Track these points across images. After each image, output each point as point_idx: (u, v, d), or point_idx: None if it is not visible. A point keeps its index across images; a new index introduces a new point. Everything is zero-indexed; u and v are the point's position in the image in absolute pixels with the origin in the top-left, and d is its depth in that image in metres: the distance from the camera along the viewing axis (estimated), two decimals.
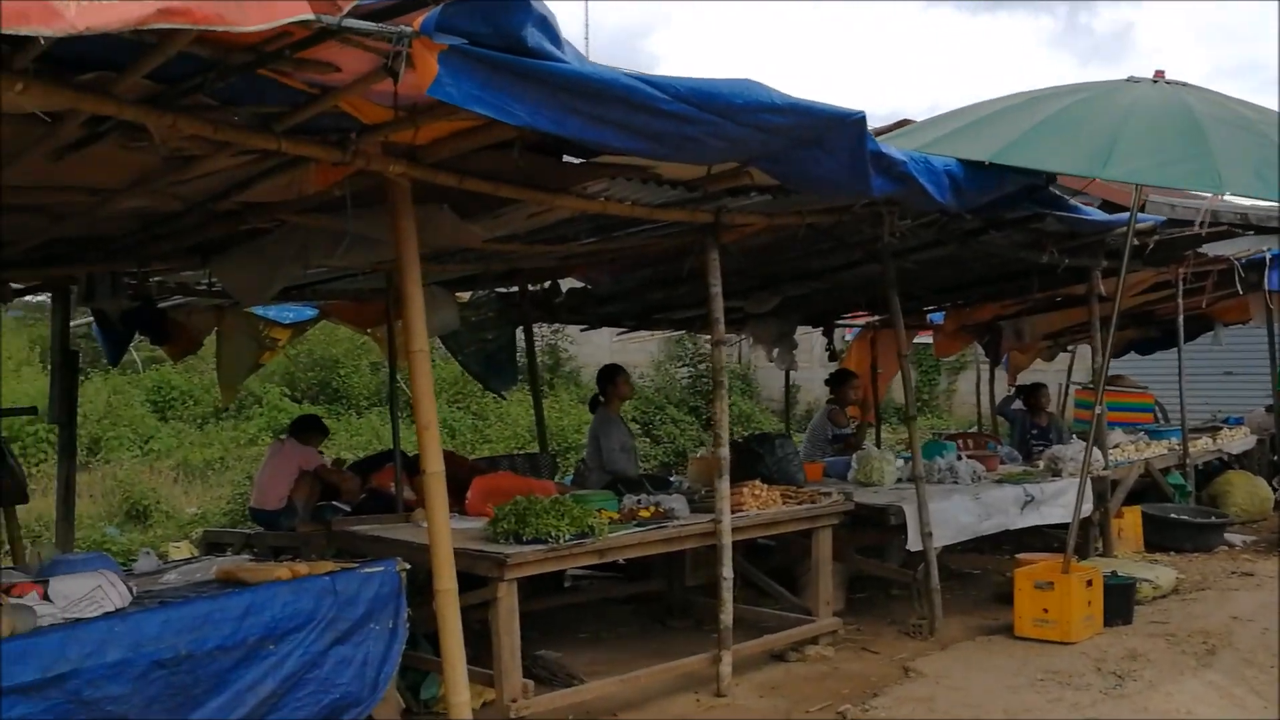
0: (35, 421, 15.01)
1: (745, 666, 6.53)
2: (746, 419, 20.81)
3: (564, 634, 7.59)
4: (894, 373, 12.90)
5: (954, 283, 10.20)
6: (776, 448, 7.92)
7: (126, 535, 11.98)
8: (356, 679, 4.67)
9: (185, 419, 17.90)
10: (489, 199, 5.17)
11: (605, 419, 8.47)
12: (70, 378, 7.08)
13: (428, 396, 4.50)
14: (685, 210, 5.90)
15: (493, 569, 5.26)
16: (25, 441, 14.95)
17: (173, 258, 6.13)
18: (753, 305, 9.95)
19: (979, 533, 7.87)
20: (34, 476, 14.23)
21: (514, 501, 5.65)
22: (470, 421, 18.63)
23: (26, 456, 14.66)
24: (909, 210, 6.88)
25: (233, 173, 4.62)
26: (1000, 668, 6.52)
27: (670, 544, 6.18)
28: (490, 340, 9.53)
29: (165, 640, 4.09)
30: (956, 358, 21.79)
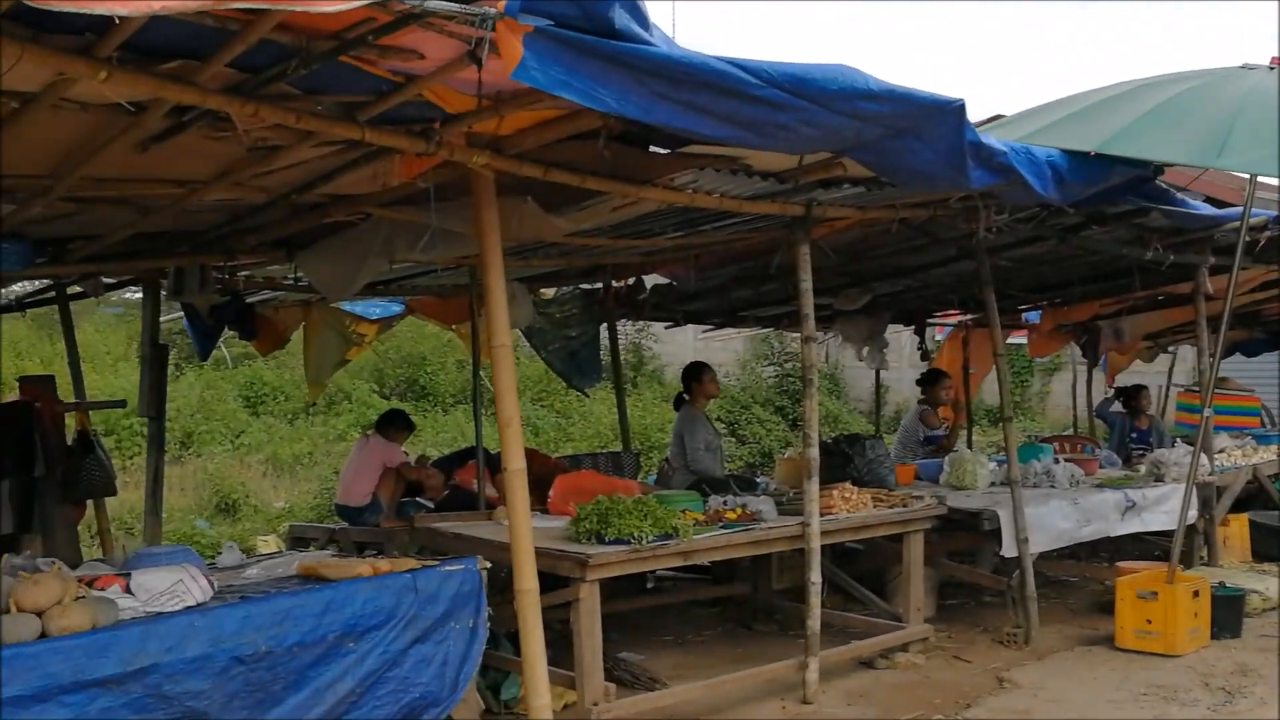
0: (129, 415, 15.31)
1: (833, 673, 6.35)
2: (834, 419, 20.52)
3: (646, 636, 7.48)
4: (986, 373, 12.57)
5: (1051, 281, 9.87)
6: (867, 449, 7.71)
7: (216, 528, 12.12)
8: (436, 678, 4.59)
9: (276, 414, 18.12)
10: (573, 191, 5.07)
11: (690, 417, 8.33)
12: (159, 372, 7.13)
13: (510, 392, 4.41)
14: (775, 203, 5.74)
15: (575, 569, 5.15)
16: (120, 435, 15.27)
17: (259, 251, 6.13)
18: (842, 302, 9.73)
19: (1077, 539, 7.59)
20: (128, 469, 14.52)
21: (596, 501, 5.54)
22: (554, 420, 18.60)
23: (121, 449, 14.97)
24: (1007, 204, 6.64)
25: (316, 164, 4.58)
26: (1100, 680, 6.25)
27: (757, 547, 6.03)
28: (574, 337, 9.44)
29: (245, 636, 4.05)
30: (1051, 359, 21.26)
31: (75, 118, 3.75)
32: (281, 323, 8.64)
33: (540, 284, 8.80)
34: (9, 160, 4.12)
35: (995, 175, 5.35)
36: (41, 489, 6.58)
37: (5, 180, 4.34)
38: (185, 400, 16.73)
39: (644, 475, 10.77)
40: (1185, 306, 11.09)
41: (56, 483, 6.66)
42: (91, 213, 4.96)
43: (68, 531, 6.70)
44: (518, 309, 7.98)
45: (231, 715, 4.03)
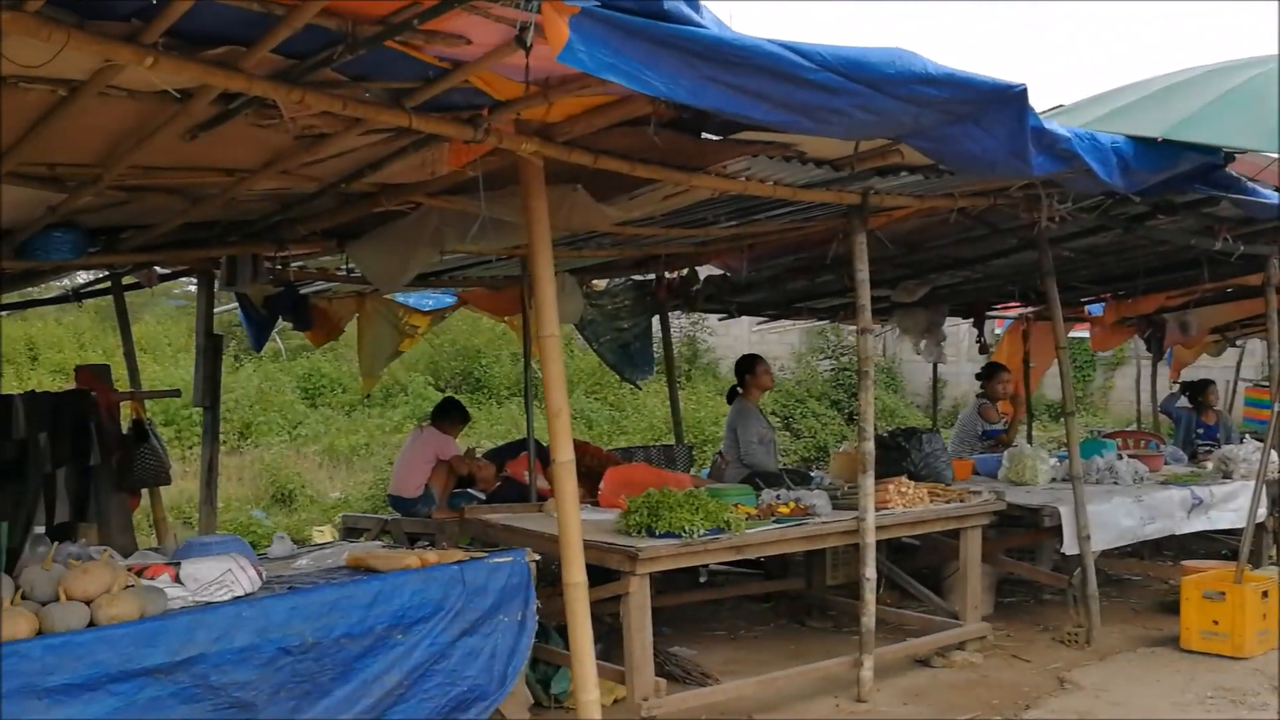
0: (189, 405, 15.46)
1: (887, 671, 6.23)
2: (890, 413, 20.31)
3: (699, 630, 7.40)
4: (1047, 367, 12.33)
5: (1115, 272, 9.63)
6: (924, 443, 7.57)
7: (272, 518, 12.22)
8: (484, 672, 4.55)
9: (334, 405, 18.26)
10: (624, 179, 4.99)
11: (743, 410, 8.22)
12: (214, 362, 7.15)
13: (558, 383, 4.35)
14: (830, 191, 5.62)
15: (624, 563, 5.09)
16: (180, 425, 15.44)
17: (309, 241, 6.12)
18: (900, 294, 9.56)
19: (1141, 537, 7.40)
20: (187, 459, 14.68)
21: (647, 494, 5.47)
22: (607, 413, 18.59)
23: (180, 439, 15.15)
24: (1070, 193, 6.47)
25: (365, 152, 4.54)
26: (1164, 682, 6.09)
27: (810, 542, 5.93)
28: (626, 329, 9.36)
29: (292, 627, 4.03)
30: (1114, 353, 20.89)
31: (123, 105, 3.73)
32: (335, 314, 8.65)
33: (592, 275, 8.74)
34: (59, 148, 4.13)
35: (1058, 162, 5.19)
36: (97, 477, 6.64)
37: (56, 168, 4.35)
38: (244, 391, 16.91)
39: (697, 469, 10.67)
40: (1255, 299, 10.82)
41: (112, 471, 6.72)
42: (142, 202, 4.96)
43: (123, 520, 6.75)
44: (569, 301, 7.94)
45: (279, 706, 4.02)
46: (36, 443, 6.42)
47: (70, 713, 3.52)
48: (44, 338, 18.25)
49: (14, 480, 6.34)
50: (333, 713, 4.15)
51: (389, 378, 18.86)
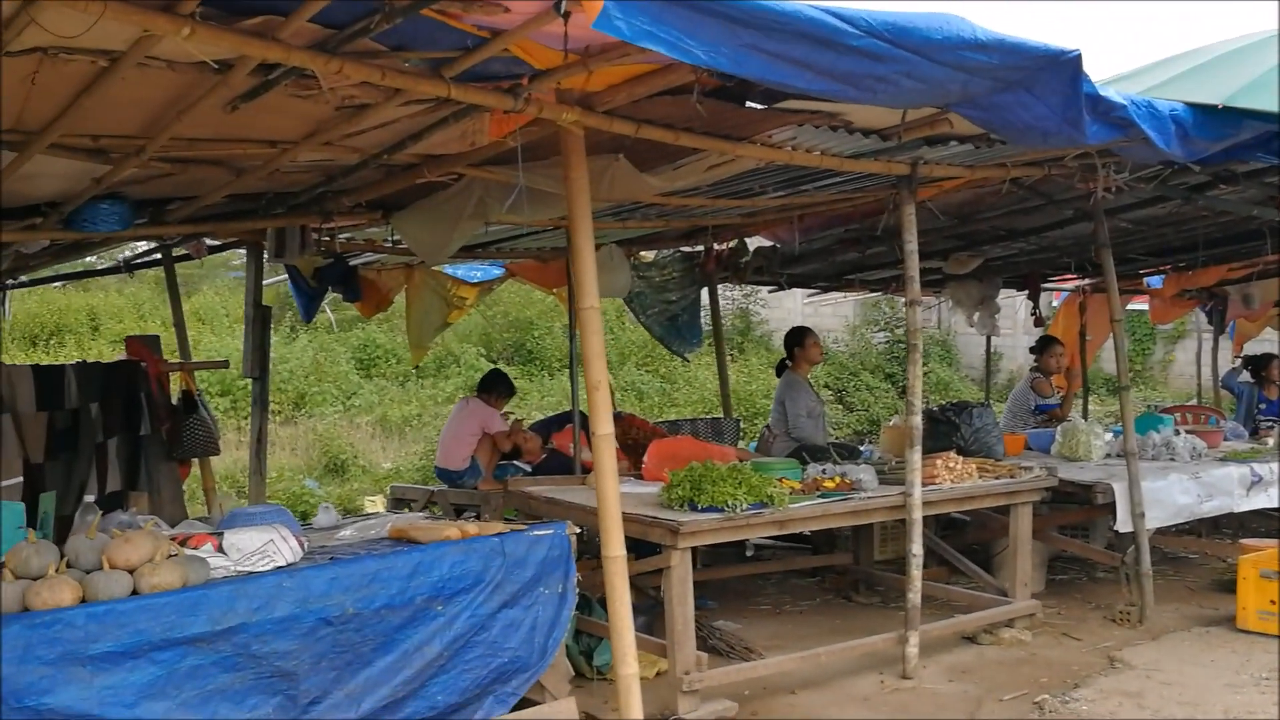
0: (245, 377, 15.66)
1: (934, 648, 6.17)
2: (945, 387, 20.11)
3: (744, 604, 7.38)
4: (1104, 340, 12.13)
5: (1175, 244, 9.41)
6: (974, 417, 7.47)
7: (325, 488, 12.34)
8: (525, 644, 4.55)
9: (388, 376, 18.39)
10: (667, 149, 4.94)
11: (792, 383, 8.15)
12: (263, 332, 7.20)
13: (598, 355, 4.31)
14: (879, 161, 5.52)
15: (666, 536, 5.06)
16: (235, 395, 15.63)
17: (354, 213, 6.12)
18: (953, 266, 9.42)
19: (1198, 515, 7.24)
20: (242, 429, 14.84)
21: (689, 468, 5.43)
22: (658, 385, 18.55)
23: (236, 409, 15.36)
24: (1127, 163, 6.31)
25: (406, 123, 4.52)
26: (1219, 663, 5.96)
27: (856, 517, 5.86)
28: (674, 301, 9.29)
29: (333, 597, 4.04)
30: (1174, 326, 20.51)
31: (163, 76, 3.73)
32: (384, 285, 8.68)
33: (639, 247, 8.68)
34: (100, 120, 4.15)
35: (1114, 130, 5.05)
36: (147, 447, 6.72)
37: (100, 140, 4.37)
38: (298, 363, 17.08)
39: (746, 442, 10.61)
40: None
41: (161, 441, 6.80)
42: (187, 174, 4.98)
43: (173, 489, 6.84)
44: (618, 274, 7.90)
45: (320, 676, 4.04)
46: (88, 413, 6.51)
47: (114, 680, 3.56)
48: (106, 308, 18.56)
49: (67, 450, 6.44)
50: (374, 683, 4.17)
51: (441, 349, 18.97)
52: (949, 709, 5.37)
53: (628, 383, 18.56)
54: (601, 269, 7.84)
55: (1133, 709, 5.29)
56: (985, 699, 5.50)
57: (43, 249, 6.66)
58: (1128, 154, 5.77)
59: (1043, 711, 5.29)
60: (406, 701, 4.24)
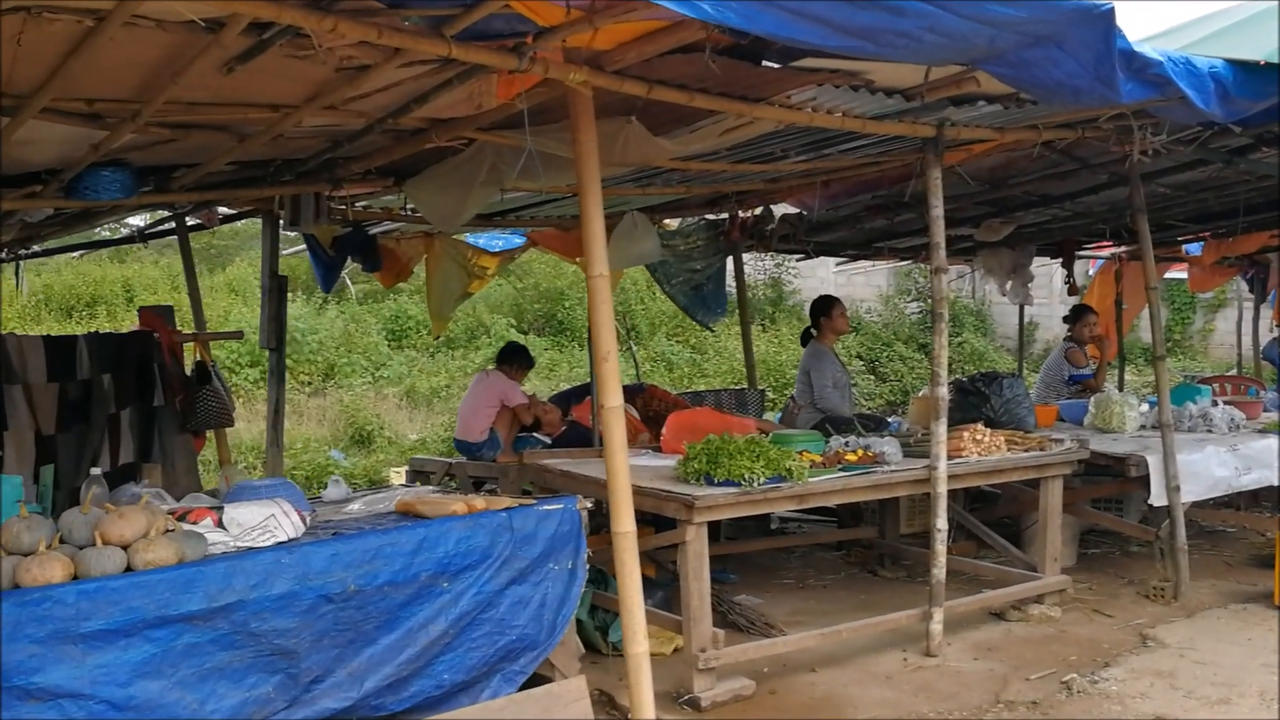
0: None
1: (960, 624, 6.02)
2: (979, 358, 19.86)
3: (766, 579, 7.25)
4: (1140, 309, 11.86)
5: (1215, 209, 9.12)
6: (1004, 388, 7.26)
7: (351, 459, 12.30)
8: (534, 621, 4.43)
9: (418, 347, 18.33)
10: (682, 111, 4.77)
11: (817, 353, 7.98)
12: (279, 303, 7.10)
13: (607, 326, 4.17)
14: (903, 123, 5.33)
15: (680, 511, 4.92)
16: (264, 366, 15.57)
17: (364, 180, 6.00)
18: (984, 233, 9.18)
19: (1236, 488, 7.03)
20: None
21: (706, 441, 5.29)
22: (688, 355, 18.40)
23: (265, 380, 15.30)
24: (1164, 124, 6.08)
25: (410, 86, 4.37)
26: (1255, 642, 5.77)
27: (878, 491, 5.70)
28: (698, 270, 9.13)
29: (333, 574, 3.94)
30: (1214, 294, 20.11)
31: (153, 36, 3.60)
32: (404, 254, 8.56)
33: (663, 214, 8.51)
34: (93, 83, 4.03)
35: (1150, 89, 4.82)
36: (161, 419, 6.65)
37: (94, 104, 4.25)
38: (328, 334, 17.04)
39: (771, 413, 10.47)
40: None
41: (175, 413, 6.73)
42: (189, 140, 4.86)
43: (188, 461, 6.77)
44: (643, 240, 7.73)
45: (322, 653, 3.94)
46: (100, 384, 6.44)
47: (107, 658, 3.48)
48: (140, 280, 18.59)
49: (79, 421, 6.38)
50: (378, 661, 4.07)
51: (472, 319, 18.89)
52: (973, 688, 5.23)
53: (657, 353, 18.43)
54: (626, 236, 7.78)
55: (1164, 689, 5.13)
56: (1011, 677, 5.34)
57: (48, 218, 6.58)
58: (1165, 114, 5.54)
59: (1070, 691, 5.13)
60: (411, 680, 4.14)
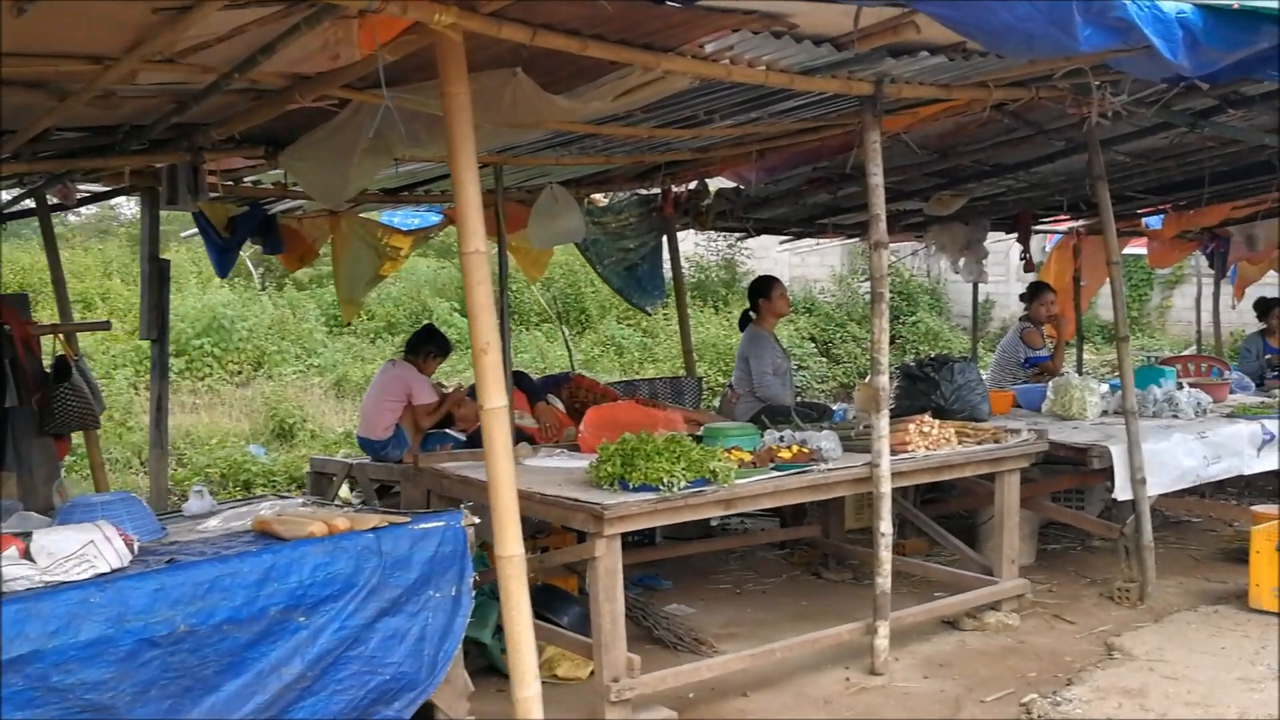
0: (199, 336, 14.93)
1: (909, 636, 5.46)
2: (934, 337, 19.41)
3: (703, 583, 6.67)
4: (1099, 285, 11.36)
5: (1176, 179, 8.61)
6: (955, 374, 6.72)
7: (272, 454, 11.60)
8: (411, 657, 3.81)
9: (359, 333, 17.59)
10: (580, 63, 4.14)
11: (756, 337, 7.39)
12: (160, 289, 6.42)
13: (485, 311, 3.55)
14: (837, 79, 4.72)
15: (589, 522, 4.31)
16: (191, 356, 14.87)
17: (228, 149, 5.31)
18: (934, 207, 8.63)
19: (1204, 479, 6.52)
20: (198, 392, 14.12)
21: (621, 441, 4.68)
22: (639, 339, 17.82)
23: (192, 370, 14.60)
24: (1125, 81, 5.53)
25: (255, 33, 3.71)
26: (1231, 651, 5.25)
27: (814, 492, 5.10)
28: (632, 250, 8.50)
29: (158, 613, 3.30)
30: (1172, 270, 19.74)
31: None
32: (308, 235, 7.85)
33: (590, 189, 7.87)
34: None
35: (1111, 36, 4.23)
36: (15, 421, 5.92)
37: None
38: (258, 321, 16.27)
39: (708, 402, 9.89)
40: None
41: (32, 414, 6.00)
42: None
43: (48, 469, 6.03)
44: (565, 217, 7.09)
45: (150, 706, 3.31)
46: None
47: None
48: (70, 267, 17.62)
49: None
50: (222, 710, 3.44)
51: (415, 302, 18.15)
52: (921, 712, 4.67)
53: (607, 337, 17.85)
54: (545, 212, 7.13)
55: (1134, 710, 4.59)
56: (964, 699, 4.79)
57: None
58: (1127, 67, 4.96)
59: (1030, 715, 4.58)
60: None
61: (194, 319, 15.15)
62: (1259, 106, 6.39)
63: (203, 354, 14.90)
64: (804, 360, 17.33)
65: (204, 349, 14.93)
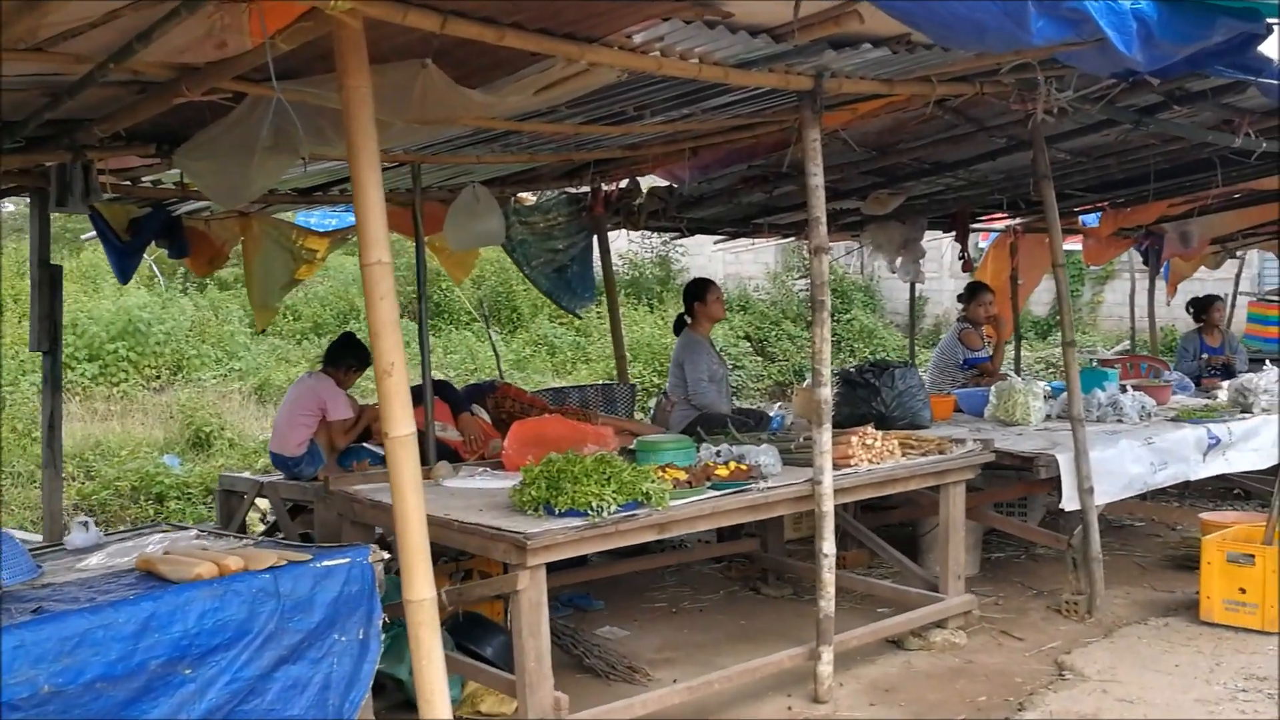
0: (114, 340, 14.35)
1: (853, 659, 5.20)
2: (869, 335, 19.30)
3: (638, 602, 6.36)
4: (1036, 283, 11.25)
5: (1116, 177, 8.44)
6: (896, 379, 6.49)
7: (188, 464, 11.08)
8: (315, 707, 3.45)
9: (284, 335, 17.03)
10: (498, 54, 3.81)
11: (691, 342, 7.10)
12: (52, 298, 5.98)
13: (389, 329, 3.20)
14: (774, 73, 4.43)
15: (511, 553, 3.98)
16: (105, 361, 14.28)
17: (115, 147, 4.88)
18: (871, 206, 8.38)
19: (1152, 485, 6.34)
20: (112, 398, 13.54)
21: (546, 461, 4.35)
22: (572, 339, 17.46)
23: (106, 375, 14.03)
24: (1072, 77, 5.32)
25: (132, 19, 3.32)
26: (1184, 668, 5.07)
27: (754, 512, 4.80)
28: (561, 250, 8.15)
29: (18, 673, 2.90)
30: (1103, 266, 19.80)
31: None
32: (217, 238, 7.40)
33: (516, 187, 7.51)
34: None
35: (1064, 28, 4.01)
36: None
37: None
38: (176, 324, 15.66)
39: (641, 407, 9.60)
40: (1262, 205, 9.75)
41: None
42: None
43: None
44: (484, 218, 6.76)
45: None
46: None
47: None
48: None
49: None
50: None
51: (344, 303, 17.62)
52: None
53: (539, 337, 17.49)
54: (465, 212, 6.76)
55: None
56: None
57: None
58: (1077, 63, 4.74)
59: None
60: None
61: (108, 322, 14.56)
62: (1204, 103, 6.22)
63: (117, 359, 14.31)
64: (739, 360, 17.10)
65: (118, 354, 14.34)
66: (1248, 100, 6.25)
